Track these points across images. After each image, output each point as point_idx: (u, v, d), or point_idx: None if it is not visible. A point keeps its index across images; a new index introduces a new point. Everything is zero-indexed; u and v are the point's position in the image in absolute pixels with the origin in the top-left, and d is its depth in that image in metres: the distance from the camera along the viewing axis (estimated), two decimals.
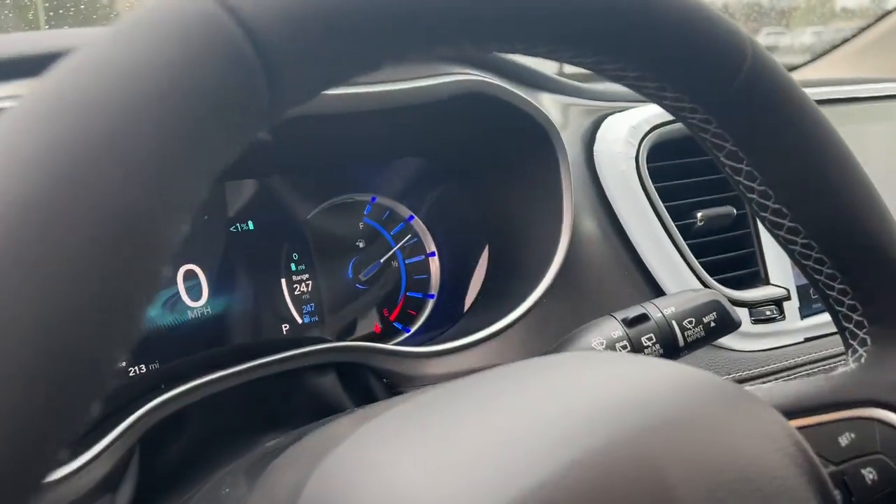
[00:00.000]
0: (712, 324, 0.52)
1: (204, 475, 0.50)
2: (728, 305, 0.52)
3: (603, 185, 0.75)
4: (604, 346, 0.50)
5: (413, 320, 0.78)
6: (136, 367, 0.63)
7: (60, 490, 0.48)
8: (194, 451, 0.57)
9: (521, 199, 0.72)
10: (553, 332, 0.62)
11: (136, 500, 0.51)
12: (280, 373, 0.61)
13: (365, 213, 0.77)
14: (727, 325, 0.52)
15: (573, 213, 0.67)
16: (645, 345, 0.50)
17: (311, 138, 0.65)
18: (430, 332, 0.75)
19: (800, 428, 0.33)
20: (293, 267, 0.72)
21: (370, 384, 0.64)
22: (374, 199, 0.77)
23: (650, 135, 0.76)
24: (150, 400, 0.53)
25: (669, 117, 0.70)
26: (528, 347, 0.66)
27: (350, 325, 0.74)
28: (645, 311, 0.51)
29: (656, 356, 0.50)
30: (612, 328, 0.50)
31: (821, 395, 0.35)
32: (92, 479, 0.49)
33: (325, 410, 0.63)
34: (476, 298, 0.75)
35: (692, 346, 0.51)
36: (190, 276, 0.66)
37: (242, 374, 0.59)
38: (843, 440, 0.34)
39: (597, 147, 0.77)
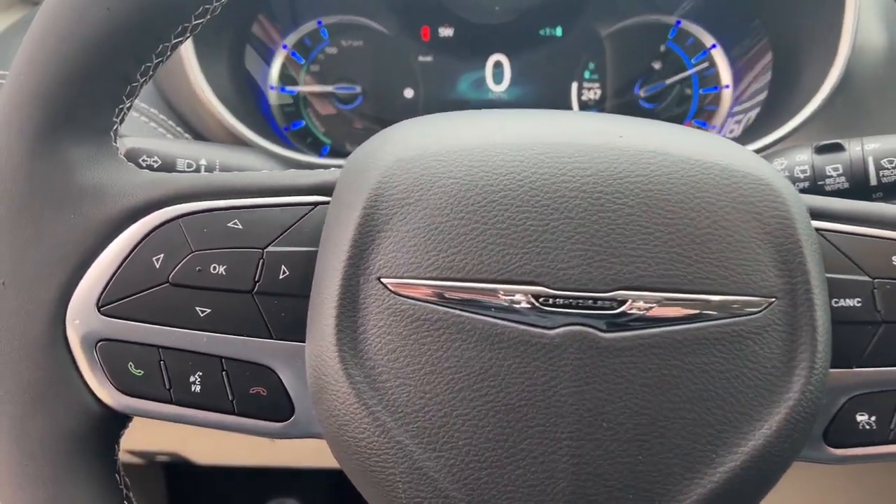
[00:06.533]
0: None
1: None
2: None
3: None
4: (784, 168, 0.48)
5: None
6: None
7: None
8: None
9: (806, 20, 0.67)
10: None
11: None
12: None
13: (670, 36, 0.81)
14: None
15: (856, 18, 0.61)
16: (828, 174, 0.46)
17: None
18: None
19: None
20: (587, 75, 0.81)
21: None
22: (678, 22, 0.80)
23: None
24: None
25: None
26: None
27: None
28: (841, 142, 0.47)
29: (839, 189, 0.47)
30: (801, 152, 0.48)
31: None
32: None
33: None
34: (751, 126, 0.74)
35: (889, 189, 0.46)
36: (497, 65, 0.81)
37: None
38: None
39: None
